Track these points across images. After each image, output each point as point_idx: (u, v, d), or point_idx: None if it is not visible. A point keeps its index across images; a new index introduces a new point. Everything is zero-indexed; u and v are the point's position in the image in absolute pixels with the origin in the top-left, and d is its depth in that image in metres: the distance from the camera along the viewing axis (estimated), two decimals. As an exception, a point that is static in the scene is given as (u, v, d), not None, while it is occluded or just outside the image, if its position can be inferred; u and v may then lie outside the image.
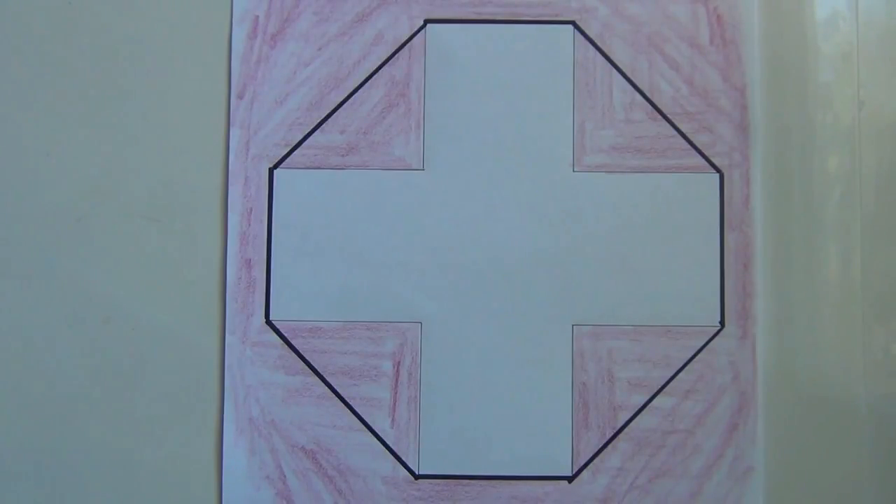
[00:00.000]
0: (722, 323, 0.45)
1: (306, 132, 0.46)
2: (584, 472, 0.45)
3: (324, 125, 0.46)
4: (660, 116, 0.46)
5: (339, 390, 0.45)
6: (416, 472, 0.45)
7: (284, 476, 0.45)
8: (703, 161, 0.46)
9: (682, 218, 0.46)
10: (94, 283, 0.45)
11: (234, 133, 0.46)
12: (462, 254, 0.46)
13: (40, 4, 0.46)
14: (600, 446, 0.45)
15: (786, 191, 0.45)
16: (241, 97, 0.46)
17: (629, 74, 0.46)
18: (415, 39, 0.46)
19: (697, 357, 0.45)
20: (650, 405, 0.45)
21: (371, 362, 0.45)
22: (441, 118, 0.46)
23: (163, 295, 0.45)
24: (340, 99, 0.46)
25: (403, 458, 0.45)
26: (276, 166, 0.46)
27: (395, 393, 0.45)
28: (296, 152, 0.46)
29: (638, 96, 0.46)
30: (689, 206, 0.46)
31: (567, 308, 0.45)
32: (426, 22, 0.46)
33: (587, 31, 0.46)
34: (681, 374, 0.45)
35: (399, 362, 0.45)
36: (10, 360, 0.45)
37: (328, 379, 0.45)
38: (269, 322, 0.45)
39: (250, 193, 0.46)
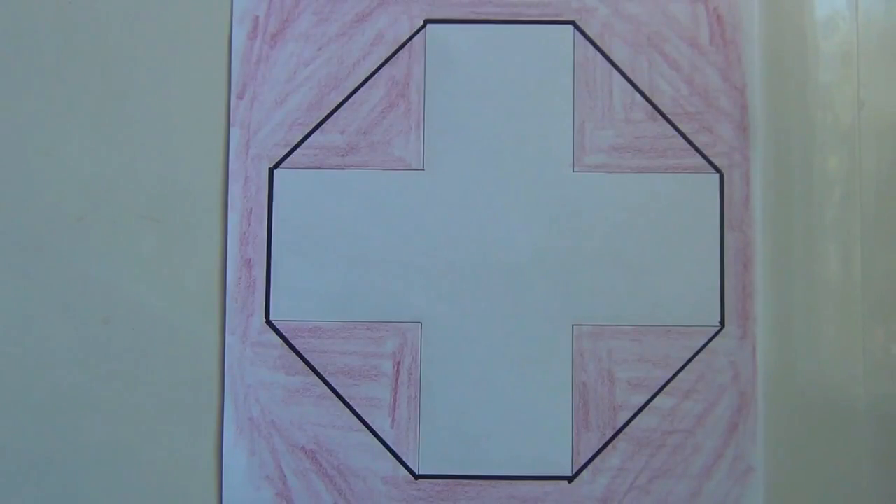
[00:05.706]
0: (722, 323, 0.45)
1: (306, 132, 0.46)
2: (584, 472, 0.45)
3: (324, 125, 0.46)
4: (660, 116, 0.46)
5: (339, 390, 0.45)
6: (416, 472, 0.45)
7: (284, 476, 0.45)
8: (703, 161, 0.46)
9: (682, 218, 0.46)
10: (94, 283, 0.45)
11: (234, 133, 0.46)
12: (462, 254, 0.46)
13: (40, 4, 0.46)
14: (600, 446, 0.45)
15: (786, 191, 0.45)
16: (241, 97, 0.46)
17: (629, 74, 0.46)
18: (415, 39, 0.46)
19: (697, 357, 0.45)
20: (650, 405, 0.45)
21: (371, 362, 0.45)
22: (441, 118, 0.46)
23: (163, 295, 0.45)
24: (340, 99, 0.46)
25: (403, 458, 0.45)
26: (276, 166, 0.46)
27: (395, 393, 0.45)
28: (296, 152, 0.46)
29: (638, 96, 0.46)
30: (689, 206, 0.46)
31: (567, 308, 0.45)
32: (426, 22, 0.46)
33: (587, 31, 0.46)
34: (681, 374, 0.45)
35: (399, 362, 0.45)
36: (10, 360, 0.45)
37: (328, 379, 0.45)
38: (269, 322, 0.45)
39: (250, 193, 0.46)
